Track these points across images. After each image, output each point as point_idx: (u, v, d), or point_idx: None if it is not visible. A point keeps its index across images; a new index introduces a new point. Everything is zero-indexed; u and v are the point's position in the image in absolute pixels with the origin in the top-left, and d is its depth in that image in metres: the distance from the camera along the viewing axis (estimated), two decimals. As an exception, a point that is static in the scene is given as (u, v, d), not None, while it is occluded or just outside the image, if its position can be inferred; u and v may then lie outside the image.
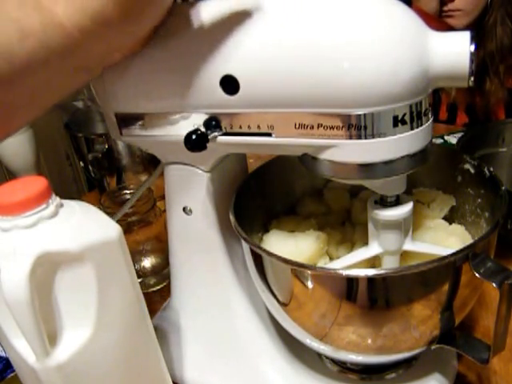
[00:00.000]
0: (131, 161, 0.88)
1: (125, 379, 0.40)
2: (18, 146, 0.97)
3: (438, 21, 1.03)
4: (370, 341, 0.41)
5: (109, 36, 0.32)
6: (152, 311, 0.43)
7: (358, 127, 0.34)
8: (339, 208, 0.54)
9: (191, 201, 0.47)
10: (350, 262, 0.43)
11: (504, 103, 1.08)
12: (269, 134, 0.37)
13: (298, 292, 0.41)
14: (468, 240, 0.48)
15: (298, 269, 0.39)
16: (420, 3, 1.02)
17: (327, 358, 0.50)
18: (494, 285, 0.36)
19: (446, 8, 1.03)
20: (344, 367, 0.49)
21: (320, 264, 0.46)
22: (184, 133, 0.38)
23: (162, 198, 0.51)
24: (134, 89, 0.40)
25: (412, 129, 0.35)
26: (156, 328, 0.43)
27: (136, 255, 0.71)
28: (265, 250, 0.40)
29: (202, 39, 0.37)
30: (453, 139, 0.95)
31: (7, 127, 0.37)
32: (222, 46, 0.36)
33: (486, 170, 0.46)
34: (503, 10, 1.01)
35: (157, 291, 0.69)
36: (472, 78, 0.33)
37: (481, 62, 1.03)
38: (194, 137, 0.37)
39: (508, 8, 1.01)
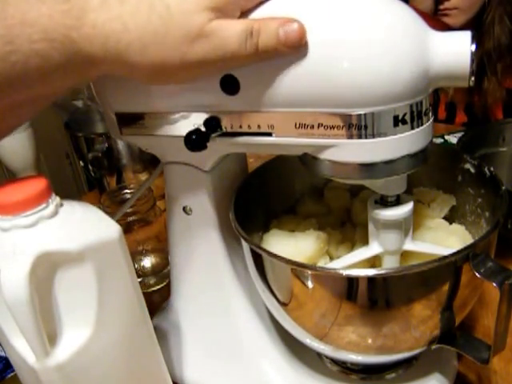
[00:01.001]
0: (131, 160, 0.88)
1: (125, 379, 0.39)
2: (17, 146, 0.97)
3: (434, 19, 1.02)
4: (370, 341, 0.40)
5: None
6: (152, 311, 0.43)
7: (358, 127, 0.34)
8: (339, 208, 0.54)
9: (191, 200, 0.47)
10: (350, 262, 0.43)
11: (502, 102, 1.08)
12: (269, 134, 0.37)
13: (298, 292, 0.40)
14: (468, 240, 0.48)
15: (298, 268, 0.39)
16: (415, 2, 1.02)
17: (327, 357, 0.50)
18: (495, 285, 0.36)
19: (442, 6, 1.02)
20: (344, 367, 0.49)
21: (320, 264, 0.46)
22: (184, 132, 0.38)
23: (162, 197, 0.51)
24: (134, 88, 0.40)
25: (412, 128, 0.35)
26: (156, 328, 0.43)
27: (136, 255, 0.71)
28: (265, 250, 0.40)
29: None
30: (453, 139, 0.95)
31: None
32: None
33: (486, 169, 0.46)
34: (501, 9, 1.01)
35: (157, 291, 0.69)
36: (472, 78, 0.33)
37: (479, 61, 1.02)
38: (194, 136, 0.37)
39: (506, 7, 1.01)
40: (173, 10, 0.31)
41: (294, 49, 0.32)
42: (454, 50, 0.33)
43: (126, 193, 0.71)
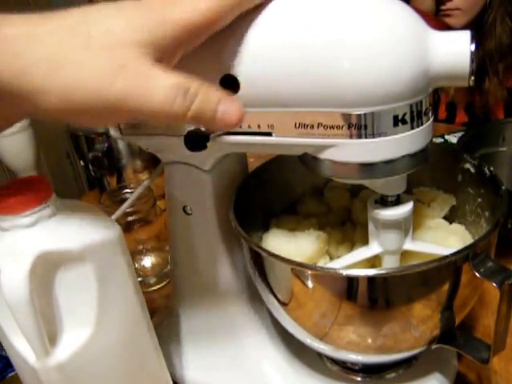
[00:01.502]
0: (131, 160, 0.88)
1: (125, 379, 0.40)
2: (18, 145, 0.97)
3: (434, 19, 1.02)
4: (370, 340, 0.41)
5: None
6: (152, 311, 0.43)
7: (358, 127, 0.34)
8: (339, 207, 0.54)
9: (191, 200, 0.47)
10: (350, 262, 0.43)
11: (503, 102, 1.08)
12: (269, 134, 0.37)
13: (298, 292, 0.40)
14: (468, 240, 0.48)
15: (298, 268, 0.39)
16: (416, 2, 1.02)
17: (327, 357, 0.50)
18: (495, 285, 0.36)
19: (444, 7, 1.02)
20: (344, 367, 0.49)
21: (320, 264, 0.46)
22: (184, 132, 0.38)
23: (162, 197, 0.51)
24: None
25: (412, 128, 0.35)
26: (156, 328, 0.43)
27: (136, 254, 0.71)
28: (265, 250, 0.40)
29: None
30: (453, 138, 0.95)
31: None
32: (223, 45, 0.36)
33: (486, 169, 0.46)
34: (502, 9, 1.01)
35: (157, 291, 0.69)
36: (472, 78, 0.33)
37: (480, 61, 1.02)
38: (194, 136, 0.37)
39: (507, 7, 1.01)
40: (93, 42, 0.27)
41: (227, 129, 0.30)
42: (454, 50, 0.33)
43: (126, 192, 0.71)
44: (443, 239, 0.45)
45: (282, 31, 0.34)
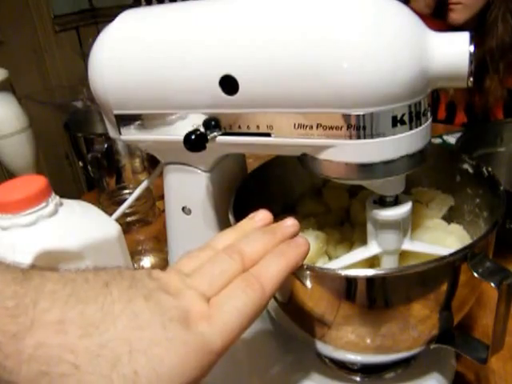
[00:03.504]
0: (130, 161, 0.88)
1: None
2: (17, 146, 0.97)
3: (433, 20, 1.02)
4: (368, 340, 0.41)
5: None
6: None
7: (357, 127, 0.34)
8: (338, 207, 0.54)
9: (190, 201, 0.47)
10: (349, 262, 0.43)
11: (503, 103, 1.09)
12: (268, 134, 0.37)
13: (297, 292, 0.41)
14: (467, 240, 0.48)
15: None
16: (415, 3, 1.02)
17: (326, 357, 0.50)
18: (493, 285, 0.36)
19: (448, 1, 1.02)
20: (343, 367, 0.49)
21: (319, 264, 0.46)
22: (183, 133, 0.38)
23: (162, 197, 0.51)
24: (134, 90, 0.40)
25: (411, 129, 0.35)
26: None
27: (135, 255, 0.71)
28: (264, 250, 0.40)
29: (202, 40, 0.37)
30: (451, 139, 0.96)
31: None
32: (222, 46, 0.36)
33: (484, 169, 0.47)
34: (504, 7, 1.01)
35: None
36: (471, 79, 0.33)
37: (481, 60, 1.02)
38: (193, 137, 0.37)
39: (509, 5, 1.01)
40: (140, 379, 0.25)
41: None
42: (453, 51, 0.33)
43: (126, 193, 0.71)
44: (442, 239, 0.46)
45: (280, 32, 0.34)
